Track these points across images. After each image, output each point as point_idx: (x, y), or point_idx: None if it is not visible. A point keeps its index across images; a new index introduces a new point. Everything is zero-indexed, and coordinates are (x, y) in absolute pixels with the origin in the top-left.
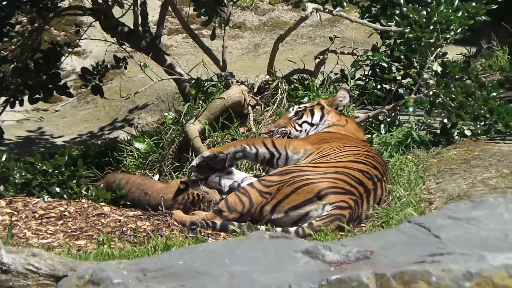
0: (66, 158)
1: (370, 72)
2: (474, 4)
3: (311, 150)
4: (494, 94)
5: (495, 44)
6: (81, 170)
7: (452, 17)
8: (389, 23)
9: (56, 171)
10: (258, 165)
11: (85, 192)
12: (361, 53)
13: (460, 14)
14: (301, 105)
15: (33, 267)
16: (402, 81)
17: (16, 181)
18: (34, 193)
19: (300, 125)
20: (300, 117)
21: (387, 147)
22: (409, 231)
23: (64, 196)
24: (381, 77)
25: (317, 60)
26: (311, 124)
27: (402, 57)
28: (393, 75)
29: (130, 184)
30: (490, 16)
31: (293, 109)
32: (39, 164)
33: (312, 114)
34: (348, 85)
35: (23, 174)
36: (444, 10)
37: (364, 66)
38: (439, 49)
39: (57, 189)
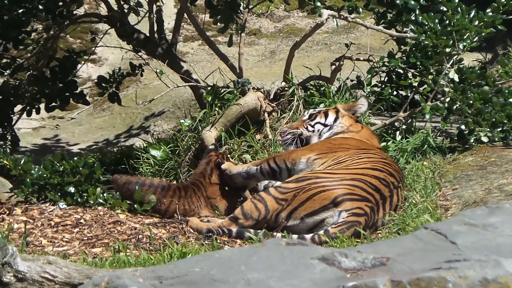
0: (84, 161)
1: (386, 78)
2: (490, 13)
3: (318, 159)
4: (511, 100)
5: (510, 50)
6: (98, 173)
7: (468, 26)
8: (404, 29)
9: (74, 171)
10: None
11: (101, 201)
12: (377, 60)
13: (476, 23)
14: (317, 109)
15: (49, 275)
16: (419, 88)
17: (33, 181)
18: (49, 196)
19: (313, 126)
20: (313, 118)
21: (403, 154)
22: (425, 238)
23: (79, 200)
24: (397, 83)
25: (333, 67)
26: (324, 125)
27: (418, 63)
28: (409, 81)
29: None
30: (505, 23)
31: (307, 112)
32: (57, 164)
33: (326, 116)
34: (364, 92)
35: (40, 172)
36: (460, 19)
37: (380, 72)
38: (455, 56)
39: (72, 189)
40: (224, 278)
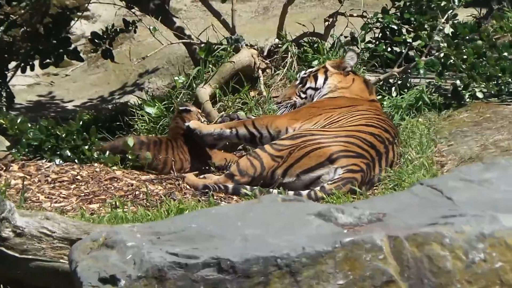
0: (80, 124)
1: (380, 34)
2: None
3: (304, 127)
4: (506, 54)
5: (505, 5)
6: (93, 138)
7: None
8: None
9: (68, 137)
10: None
11: (96, 156)
12: (371, 16)
13: None
14: (307, 71)
15: (47, 230)
16: (413, 43)
17: (29, 141)
18: (46, 157)
19: (305, 92)
20: (304, 83)
21: (398, 110)
22: (421, 193)
23: (76, 160)
24: (391, 39)
25: (327, 23)
26: (315, 89)
27: (412, 19)
28: (403, 37)
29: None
30: None
31: (299, 76)
32: (52, 129)
33: (316, 79)
34: (358, 48)
35: (36, 134)
36: None
37: (374, 28)
38: (450, 11)
39: (69, 153)
40: (221, 233)
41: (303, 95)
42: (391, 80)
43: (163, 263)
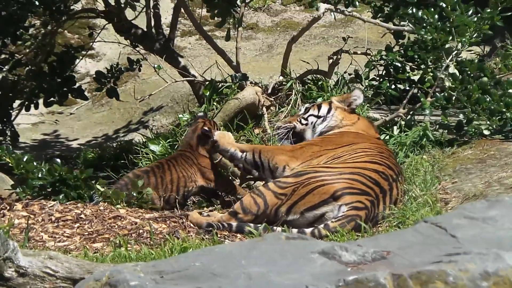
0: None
1: (384, 72)
2: (489, 10)
3: (301, 168)
4: (510, 90)
5: (509, 43)
6: (101, 182)
7: (466, 22)
8: (402, 23)
9: (75, 181)
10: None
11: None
12: (375, 53)
13: (475, 19)
14: (311, 104)
15: (50, 270)
16: (418, 84)
17: (35, 182)
18: (52, 198)
19: (306, 119)
20: (307, 111)
21: (402, 147)
22: (425, 231)
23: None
24: (395, 77)
25: (331, 61)
26: (318, 117)
27: (416, 56)
28: (407, 74)
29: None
30: (503, 17)
31: (304, 107)
32: (60, 172)
33: (319, 108)
34: (362, 85)
35: (44, 175)
36: (459, 15)
37: (378, 66)
38: (455, 52)
39: (74, 194)
40: (224, 272)
41: (304, 121)
42: (396, 119)
43: None
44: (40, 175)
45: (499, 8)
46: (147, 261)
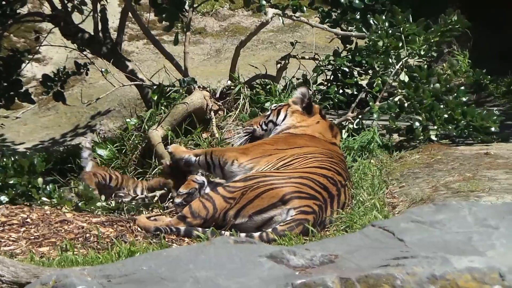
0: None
1: (332, 77)
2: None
3: (250, 164)
4: (464, 99)
5: (455, 49)
6: (40, 166)
7: (417, 31)
8: (349, 28)
9: (15, 165)
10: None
11: (45, 198)
12: (323, 58)
13: (427, 31)
14: (278, 104)
15: None
16: (367, 88)
17: None
18: None
19: (266, 124)
20: (269, 116)
21: (350, 152)
22: (373, 235)
23: (19, 191)
24: (343, 81)
25: (279, 65)
26: (275, 124)
27: (364, 62)
28: (355, 79)
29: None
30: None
31: (270, 108)
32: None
33: (278, 114)
34: (310, 90)
35: None
36: (410, 25)
37: (325, 71)
38: (404, 58)
39: (12, 182)
40: (172, 276)
41: (264, 127)
42: (343, 123)
43: None
44: None
45: (448, 28)
46: (94, 265)
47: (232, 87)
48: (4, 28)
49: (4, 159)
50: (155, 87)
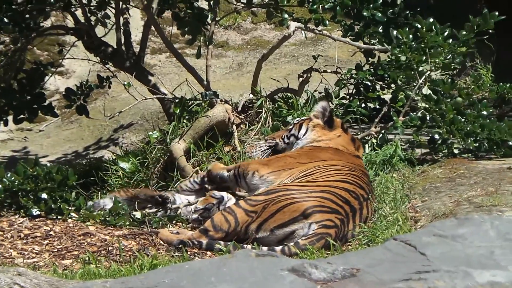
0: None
1: (354, 90)
2: (464, 32)
3: (271, 177)
4: (485, 112)
5: (478, 63)
6: (72, 179)
7: (441, 43)
8: (372, 41)
9: (47, 177)
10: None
11: (73, 214)
12: (345, 72)
13: (450, 40)
14: (300, 118)
15: (19, 286)
16: (390, 103)
17: (6, 186)
18: (22, 202)
19: (288, 138)
20: (290, 130)
21: (372, 166)
22: (395, 249)
23: (53, 206)
24: (365, 95)
25: (301, 79)
26: (296, 137)
27: (386, 75)
28: (377, 93)
29: None
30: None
31: (292, 122)
32: (30, 170)
33: (300, 128)
34: (333, 104)
35: (12, 178)
36: (433, 36)
37: (348, 84)
38: (428, 72)
39: (45, 195)
40: None
41: (286, 140)
42: (366, 137)
43: None
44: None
45: (475, 31)
46: (116, 277)
47: (254, 101)
48: (27, 41)
49: (37, 168)
50: (177, 100)
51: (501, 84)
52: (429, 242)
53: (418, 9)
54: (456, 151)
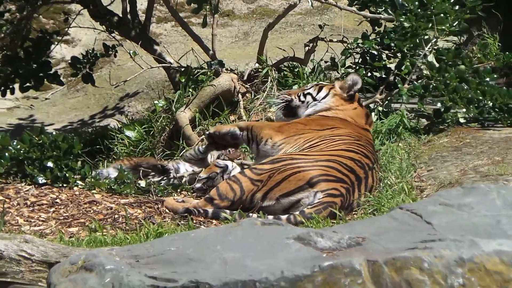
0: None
1: (360, 60)
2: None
3: (283, 144)
4: (487, 79)
5: (485, 32)
6: (78, 147)
7: (447, 10)
8: (378, 10)
9: (53, 145)
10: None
11: (79, 182)
12: (351, 41)
13: (457, 7)
14: (320, 82)
15: (26, 254)
16: (395, 70)
17: (12, 154)
18: (28, 170)
19: (304, 96)
20: (307, 89)
21: (378, 135)
22: (400, 218)
23: (58, 174)
24: (371, 64)
25: (307, 48)
26: (314, 98)
27: (392, 45)
28: (383, 63)
29: None
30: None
31: (311, 83)
32: (36, 138)
33: (319, 91)
34: (339, 73)
35: (18, 146)
36: (440, 3)
37: (354, 54)
38: (433, 40)
39: (51, 164)
40: (200, 257)
41: (302, 98)
42: (371, 105)
43: (141, 286)
44: (14, 145)
45: None
46: (122, 245)
47: (260, 70)
48: (33, 10)
49: (43, 136)
50: (183, 69)
51: (507, 53)
52: (435, 211)
53: None
54: (462, 120)
